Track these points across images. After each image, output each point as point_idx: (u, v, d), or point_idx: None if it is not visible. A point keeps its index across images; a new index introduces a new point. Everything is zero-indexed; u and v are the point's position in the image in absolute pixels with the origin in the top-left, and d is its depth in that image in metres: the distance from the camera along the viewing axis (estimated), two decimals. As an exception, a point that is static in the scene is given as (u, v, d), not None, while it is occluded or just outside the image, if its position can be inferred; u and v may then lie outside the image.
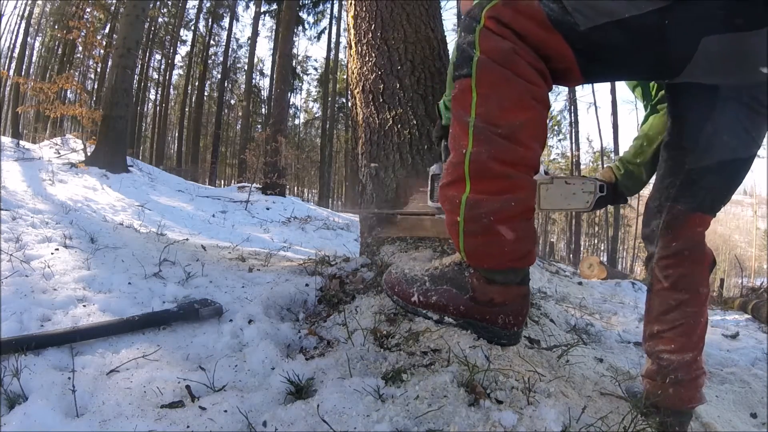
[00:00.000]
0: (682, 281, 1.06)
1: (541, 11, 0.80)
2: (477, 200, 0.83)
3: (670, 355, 1.06)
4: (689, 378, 1.06)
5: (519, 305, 0.90)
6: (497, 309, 0.89)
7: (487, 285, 0.88)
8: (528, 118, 0.82)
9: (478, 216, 0.83)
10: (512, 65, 0.80)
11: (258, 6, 18.58)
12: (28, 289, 1.13)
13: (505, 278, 0.88)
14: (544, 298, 2.31)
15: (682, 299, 1.06)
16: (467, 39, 0.84)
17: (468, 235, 0.85)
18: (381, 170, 1.70)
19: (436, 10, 1.97)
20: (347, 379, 0.81)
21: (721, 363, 1.70)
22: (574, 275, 5.10)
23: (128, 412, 0.74)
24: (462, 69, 0.84)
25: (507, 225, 0.83)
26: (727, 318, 3.31)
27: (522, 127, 0.81)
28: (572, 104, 19.72)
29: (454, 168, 0.85)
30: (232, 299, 1.27)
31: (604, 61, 0.84)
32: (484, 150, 0.81)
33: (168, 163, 21.22)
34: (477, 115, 0.82)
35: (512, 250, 0.85)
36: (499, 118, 0.81)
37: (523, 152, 0.82)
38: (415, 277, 0.98)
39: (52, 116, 8.15)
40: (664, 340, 1.07)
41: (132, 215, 4.65)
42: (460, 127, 0.85)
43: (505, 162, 0.81)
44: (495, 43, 0.81)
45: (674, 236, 1.07)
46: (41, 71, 17.77)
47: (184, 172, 13.75)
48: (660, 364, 1.08)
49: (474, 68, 0.82)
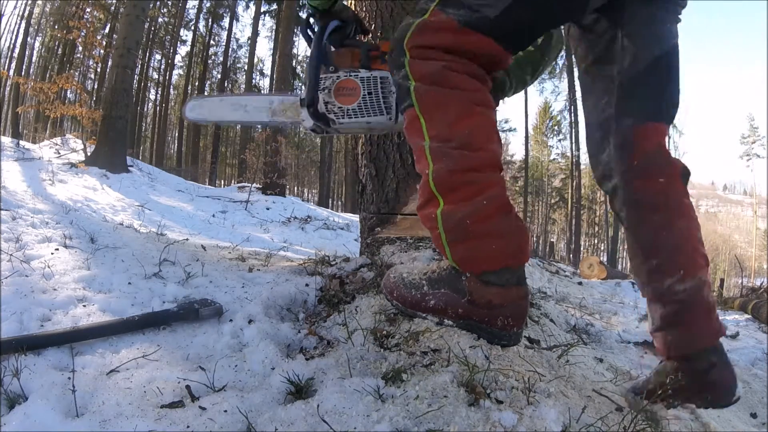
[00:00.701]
0: (659, 198, 0.95)
1: (452, 20, 0.86)
2: (450, 210, 0.86)
3: (683, 284, 0.90)
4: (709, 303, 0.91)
5: (518, 306, 0.90)
6: (496, 311, 0.89)
7: (484, 288, 0.88)
8: (475, 124, 0.87)
9: (456, 223, 0.86)
10: (445, 81, 0.87)
11: (258, 6, 18.59)
12: (28, 289, 1.13)
13: (501, 279, 0.88)
14: (544, 298, 2.31)
15: (668, 217, 0.93)
16: (400, 74, 0.90)
17: (452, 244, 0.88)
18: (381, 170, 1.70)
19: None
20: (347, 379, 0.81)
21: (721, 363, 1.70)
22: (574, 275, 5.10)
23: (128, 412, 0.74)
24: (405, 102, 0.90)
25: (486, 224, 0.85)
26: (727, 318, 3.31)
27: (472, 134, 0.86)
28: (572, 104, 19.73)
29: (423, 188, 0.90)
30: (232, 299, 1.27)
31: (522, 32, 0.91)
32: (443, 165, 0.86)
33: (168, 163, 21.23)
34: (430, 138, 0.87)
35: (500, 247, 0.86)
36: (449, 133, 0.86)
37: (481, 155, 0.87)
38: (413, 282, 0.98)
39: (52, 116, 8.16)
40: (670, 269, 0.91)
41: (132, 215, 4.65)
42: (418, 152, 0.91)
43: (466, 169, 0.85)
44: (424, 68, 0.87)
45: (631, 155, 0.96)
46: (41, 71, 17.78)
47: (184, 172, 13.75)
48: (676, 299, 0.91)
49: (413, 97, 0.88)
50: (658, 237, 0.94)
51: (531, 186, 25.84)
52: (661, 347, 0.95)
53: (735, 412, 1.32)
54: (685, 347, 0.91)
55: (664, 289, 0.92)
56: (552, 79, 21.76)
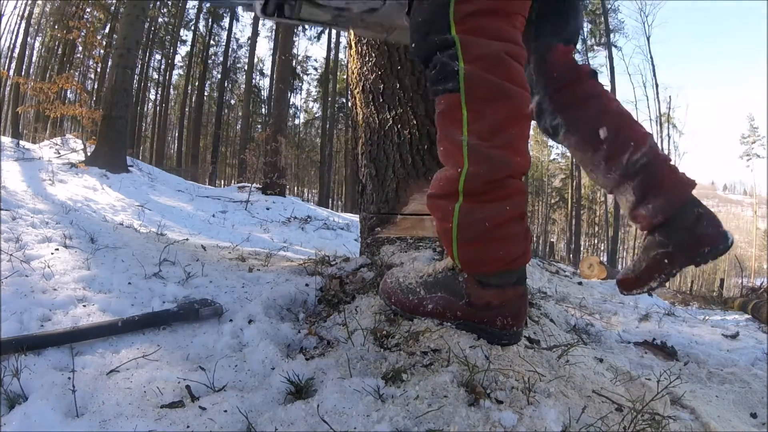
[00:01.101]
0: (586, 92, 1.04)
1: None
2: (471, 208, 0.81)
3: (639, 153, 0.95)
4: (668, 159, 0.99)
5: (517, 305, 0.90)
6: (495, 311, 0.88)
7: (483, 289, 0.88)
8: (522, 128, 0.80)
9: (473, 222, 0.81)
10: (504, 72, 0.76)
11: (258, 6, 18.53)
12: (28, 289, 1.13)
13: (500, 280, 0.87)
14: (544, 298, 2.31)
15: (600, 103, 1.02)
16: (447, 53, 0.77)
17: (462, 242, 0.84)
18: (381, 170, 1.70)
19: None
20: (347, 379, 0.81)
21: (721, 363, 1.70)
22: (574, 275, 5.10)
23: (128, 412, 0.74)
24: (446, 84, 0.79)
25: (502, 229, 0.82)
26: (727, 318, 3.31)
27: (517, 138, 0.79)
28: (572, 104, 19.71)
29: (447, 182, 0.83)
30: (232, 299, 1.27)
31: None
32: (482, 170, 0.79)
33: (168, 163, 21.23)
34: (470, 133, 0.78)
35: (507, 253, 0.84)
36: (495, 134, 0.78)
37: (519, 161, 0.81)
38: (410, 287, 0.98)
39: (52, 116, 8.17)
40: (621, 146, 0.97)
41: (132, 215, 4.65)
42: (451, 145, 0.81)
43: (504, 176, 0.80)
44: (481, 49, 0.76)
45: (550, 69, 1.05)
46: (41, 71, 17.78)
47: (184, 172, 13.75)
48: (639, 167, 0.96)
49: (462, 82, 0.76)
50: (599, 122, 0.98)
51: (531, 186, 25.84)
52: (647, 220, 0.95)
53: (735, 412, 1.32)
54: (669, 207, 0.92)
55: (625, 166, 0.96)
56: (552, 79, 21.75)
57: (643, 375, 1.26)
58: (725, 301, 4.64)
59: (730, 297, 5.07)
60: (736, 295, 5.43)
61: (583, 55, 20.15)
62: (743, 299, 4.09)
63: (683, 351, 1.78)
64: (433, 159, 1.66)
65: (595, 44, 20.32)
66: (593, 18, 20.02)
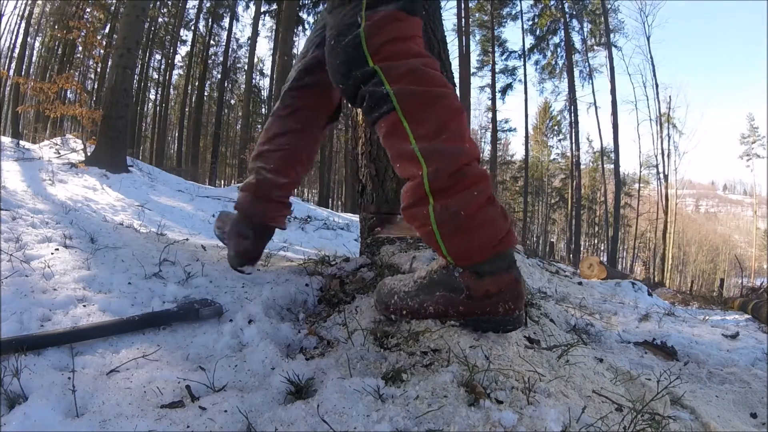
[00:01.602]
0: (300, 114, 1.23)
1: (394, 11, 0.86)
2: (443, 204, 0.86)
3: (267, 174, 1.26)
4: (277, 199, 1.28)
5: (514, 289, 0.91)
6: (495, 299, 0.90)
7: (479, 280, 0.89)
8: (461, 120, 0.87)
9: (450, 216, 0.85)
10: (428, 80, 0.85)
11: (258, 6, 18.58)
12: (28, 289, 1.13)
13: (493, 267, 0.89)
14: (544, 298, 2.30)
15: (294, 128, 1.23)
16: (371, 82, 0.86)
17: (446, 238, 0.87)
18: (381, 170, 1.70)
19: (436, 10, 1.97)
20: (347, 379, 0.81)
21: (721, 363, 1.70)
22: (574, 275, 5.10)
23: (128, 412, 0.74)
24: (381, 109, 0.86)
25: (478, 215, 0.86)
26: (727, 318, 3.31)
27: (459, 128, 0.86)
28: (572, 104, 19.73)
29: (414, 190, 0.88)
30: (232, 299, 1.27)
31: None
32: (440, 166, 0.84)
33: (168, 163, 21.23)
34: (417, 139, 0.85)
35: (491, 236, 0.87)
36: (440, 132, 0.85)
37: (468, 147, 0.86)
38: (408, 292, 0.98)
39: (52, 116, 8.16)
40: (266, 159, 1.26)
41: (132, 215, 4.65)
42: (405, 157, 0.87)
43: (462, 165, 0.85)
44: (402, 69, 0.84)
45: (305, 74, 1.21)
46: (41, 71, 17.78)
47: (184, 172, 13.75)
48: (258, 178, 1.27)
49: (395, 101, 0.84)
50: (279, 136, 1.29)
51: (531, 186, 25.83)
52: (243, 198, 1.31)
53: (735, 412, 1.32)
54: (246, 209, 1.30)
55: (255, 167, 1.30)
56: (552, 79, 21.77)
57: (643, 375, 1.26)
58: (725, 301, 4.64)
59: (730, 297, 5.07)
60: (736, 295, 5.44)
61: (583, 55, 20.17)
62: (743, 299, 4.10)
63: (683, 351, 1.78)
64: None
65: (595, 44, 20.32)
66: (593, 18, 20.02)
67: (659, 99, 21.69)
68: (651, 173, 23.34)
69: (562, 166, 26.03)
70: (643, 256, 25.14)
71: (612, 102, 17.84)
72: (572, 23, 19.88)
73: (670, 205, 20.92)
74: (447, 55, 1.90)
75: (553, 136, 26.92)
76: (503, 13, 20.92)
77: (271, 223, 1.32)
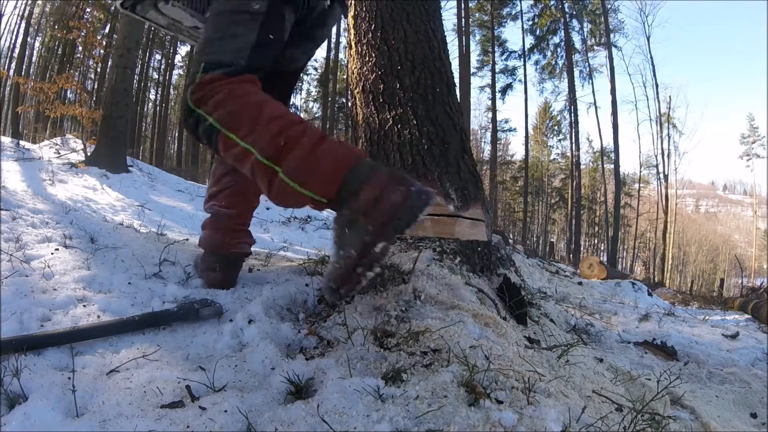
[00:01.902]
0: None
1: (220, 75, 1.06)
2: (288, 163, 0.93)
3: (220, 209, 1.39)
4: (233, 227, 1.39)
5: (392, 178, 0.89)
6: (385, 197, 0.87)
7: (357, 198, 0.88)
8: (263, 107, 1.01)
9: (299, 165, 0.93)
10: (237, 98, 1.03)
11: (258, 6, 18.51)
12: (28, 289, 1.13)
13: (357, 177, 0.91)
14: (544, 298, 2.30)
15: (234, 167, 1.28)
16: (205, 124, 1.03)
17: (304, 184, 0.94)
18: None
19: (436, 10, 1.97)
20: (347, 379, 0.81)
21: (721, 363, 1.70)
22: (574, 275, 5.10)
23: (128, 412, 0.74)
24: (212, 135, 1.03)
25: (318, 148, 0.93)
26: (727, 318, 3.32)
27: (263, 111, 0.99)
28: (572, 104, 19.73)
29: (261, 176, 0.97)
30: (232, 299, 1.27)
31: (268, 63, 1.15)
32: (261, 139, 0.96)
33: (168, 163, 21.23)
34: (242, 137, 0.98)
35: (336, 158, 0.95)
36: (253, 123, 0.98)
37: (284, 120, 0.98)
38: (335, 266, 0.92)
39: (52, 116, 8.16)
40: (217, 198, 1.40)
41: (132, 215, 4.65)
42: (242, 158, 0.99)
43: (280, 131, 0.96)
44: (214, 102, 1.03)
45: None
46: (41, 71, 17.76)
47: (184, 172, 13.75)
48: (212, 213, 1.41)
49: (218, 125, 1.01)
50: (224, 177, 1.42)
51: (531, 186, 25.83)
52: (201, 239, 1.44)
53: (735, 412, 1.32)
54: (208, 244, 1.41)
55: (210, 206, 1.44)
56: (552, 79, 21.76)
57: (643, 375, 1.26)
58: (725, 301, 4.64)
59: (730, 297, 5.07)
60: (736, 295, 5.44)
61: (583, 55, 20.17)
62: (743, 299, 4.10)
63: (683, 351, 1.78)
64: (433, 159, 1.66)
65: (595, 44, 20.32)
66: (593, 18, 20.02)
67: (659, 99, 21.68)
68: (651, 173, 23.36)
69: (562, 166, 26.03)
70: (643, 256, 25.16)
71: (612, 102, 17.84)
72: (572, 23, 19.88)
73: (670, 205, 20.92)
74: (447, 55, 1.90)
75: (553, 136, 26.93)
76: (503, 13, 20.92)
77: (235, 251, 1.40)
